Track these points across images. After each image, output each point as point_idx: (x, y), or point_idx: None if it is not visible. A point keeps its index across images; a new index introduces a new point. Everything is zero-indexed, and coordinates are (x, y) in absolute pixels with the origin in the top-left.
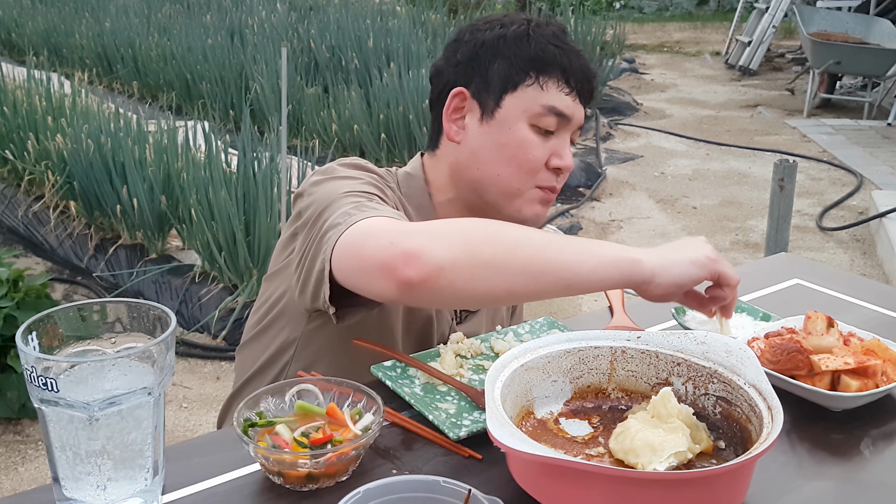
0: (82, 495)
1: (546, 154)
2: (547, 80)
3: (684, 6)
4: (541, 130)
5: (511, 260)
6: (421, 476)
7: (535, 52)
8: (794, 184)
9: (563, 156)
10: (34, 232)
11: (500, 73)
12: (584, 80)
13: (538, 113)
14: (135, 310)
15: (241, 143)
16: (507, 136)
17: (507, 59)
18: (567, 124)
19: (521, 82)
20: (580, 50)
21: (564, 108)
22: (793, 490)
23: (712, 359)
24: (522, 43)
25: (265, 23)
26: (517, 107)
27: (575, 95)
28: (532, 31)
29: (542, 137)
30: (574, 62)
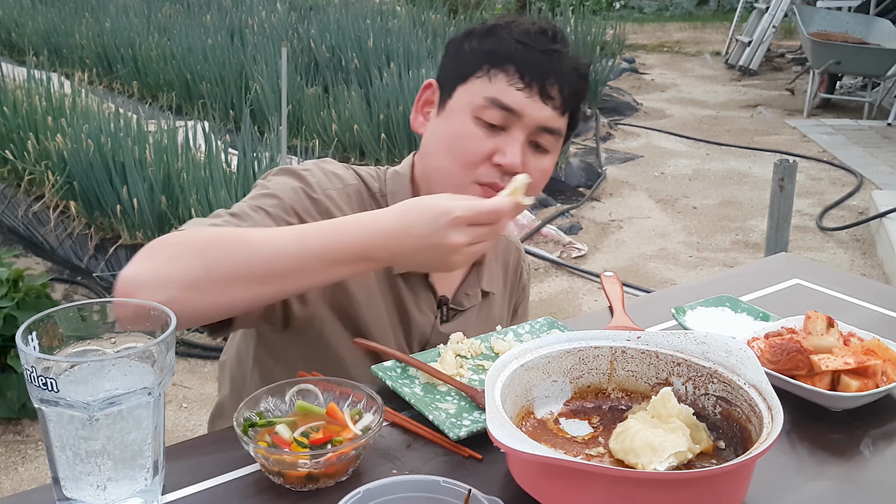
0: (82, 495)
1: (487, 148)
2: (497, 72)
3: (684, 6)
4: (485, 123)
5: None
6: (421, 476)
7: (493, 46)
8: (794, 184)
9: (506, 153)
10: (34, 232)
11: (459, 65)
12: (545, 77)
13: (481, 105)
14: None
15: (241, 143)
16: (450, 127)
17: (467, 51)
18: (518, 120)
19: (473, 73)
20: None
21: (511, 103)
22: (793, 490)
23: (712, 359)
24: (487, 37)
25: (265, 23)
26: (464, 98)
27: (532, 93)
28: (504, 27)
29: (487, 131)
30: (535, 59)
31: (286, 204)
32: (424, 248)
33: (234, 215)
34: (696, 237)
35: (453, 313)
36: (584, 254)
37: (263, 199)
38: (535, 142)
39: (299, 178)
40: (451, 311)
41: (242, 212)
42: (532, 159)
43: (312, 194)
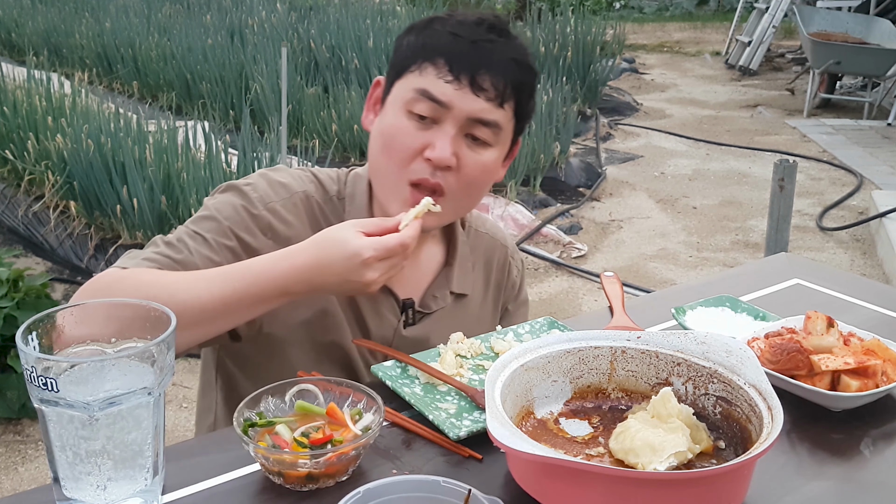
0: (82, 495)
1: (418, 143)
2: (428, 65)
3: (684, 6)
4: (416, 117)
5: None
6: (421, 476)
7: (426, 40)
8: (794, 184)
9: (436, 146)
10: (34, 232)
11: (397, 60)
12: (475, 69)
13: (411, 98)
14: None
15: (241, 143)
16: (385, 123)
17: (404, 46)
18: (447, 113)
19: (407, 68)
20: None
21: (439, 94)
22: (793, 490)
23: (712, 359)
24: (422, 31)
25: (265, 23)
26: (397, 94)
27: (461, 85)
28: (441, 21)
29: (419, 125)
30: (465, 51)
31: (224, 226)
32: (341, 283)
33: (170, 244)
34: (696, 237)
35: (420, 316)
36: (584, 254)
37: (202, 222)
38: (471, 135)
39: (241, 194)
40: (417, 314)
41: (179, 239)
42: (468, 153)
43: (253, 210)
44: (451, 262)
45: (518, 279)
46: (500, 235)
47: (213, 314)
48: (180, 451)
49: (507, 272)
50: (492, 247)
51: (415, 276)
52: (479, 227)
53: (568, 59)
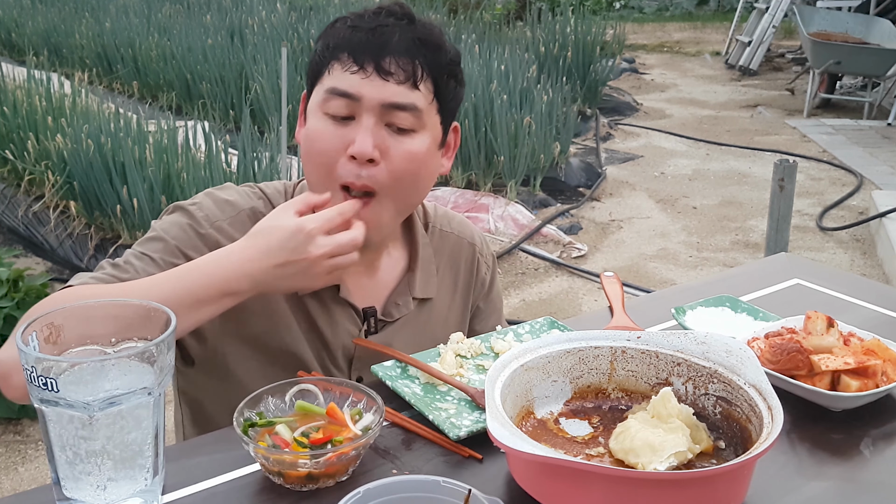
0: (82, 495)
1: (339, 142)
2: (334, 63)
3: (684, 6)
4: (333, 118)
5: None
6: (421, 476)
7: (328, 41)
8: (794, 184)
9: (356, 140)
10: (34, 232)
11: (311, 68)
12: (379, 54)
13: (323, 99)
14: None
15: (241, 143)
16: (305, 131)
17: (316, 53)
18: (360, 105)
19: (320, 75)
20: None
21: (348, 88)
22: (793, 490)
23: (712, 359)
24: (327, 33)
25: (265, 23)
26: (314, 99)
27: (368, 73)
28: (342, 20)
29: (338, 125)
30: (366, 39)
31: (171, 246)
32: (285, 267)
33: (117, 266)
34: (696, 237)
35: (382, 324)
36: (584, 254)
37: (149, 243)
38: (392, 124)
39: (187, 214)
40: (379, 323)
41: (126, 261)
42: (392, 143)
43: (200, 230)
44: (413, 268)
45: (488, 276)
46: (467, 233)
47: None
48: (180, 451)
49: (476, 270)
50: (458, 246)
51: (375, 284)
52: (444, 226)
53: (568, 59)
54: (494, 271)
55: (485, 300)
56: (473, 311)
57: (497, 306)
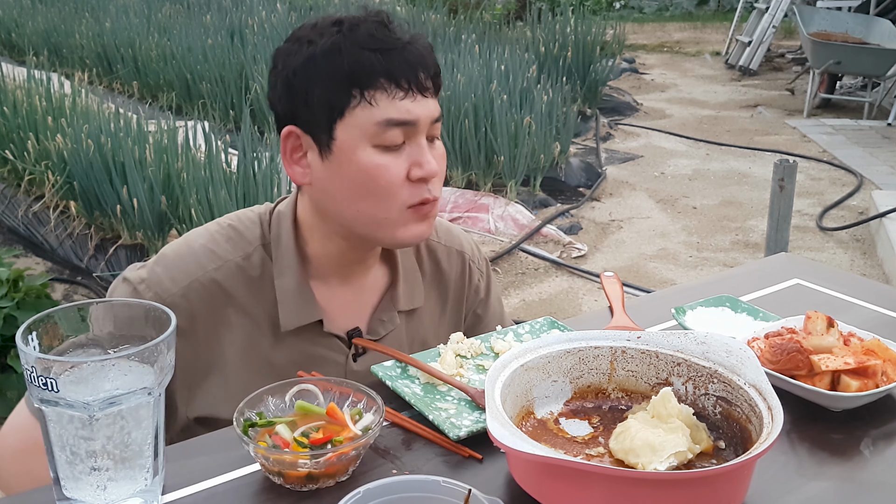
0: (82, 495)
1: (403, 170)
2: (373, 93)
3: (684, 6)
4: (388, 147)
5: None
6: (421, 476)
7: (351, 66)
8: (794, 184)
9: (422, 163)
10: (34, 232)
11: (321, 101)
12: (416, 73)
13: (375, 132)
14: (134, 310)
15: (241, 143)
16: (353, 169)
17: (323, 83)
18: (415, 128)
19: (347, 105)
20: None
21: (406, 115)
22: (793, 490)
23: (712, 359)
24: (334, 59)
25: (265, 23)
26: (352, 134)
27: (413, 94)
28: (342, 39)
29: (393, 154)
30: (398, 59)
31: None
32: None
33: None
34: (696, 237)
35: (363, 350)
36: (584, 254)
37: None
38: (430, 136)
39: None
40: (360, 348)
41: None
42: (434, 153)
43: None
44: (395, 281)
45: (482, 283)
46: (455, 243)
47: None
48: (180, 451)
49: (468, 280)
50: (446, 258)
51: (358, 304)
52: (431, 236)
53: (568, 59)
54: (489, 276)
55: (483, 307)
56: (472, 319)
57: (498, 311)
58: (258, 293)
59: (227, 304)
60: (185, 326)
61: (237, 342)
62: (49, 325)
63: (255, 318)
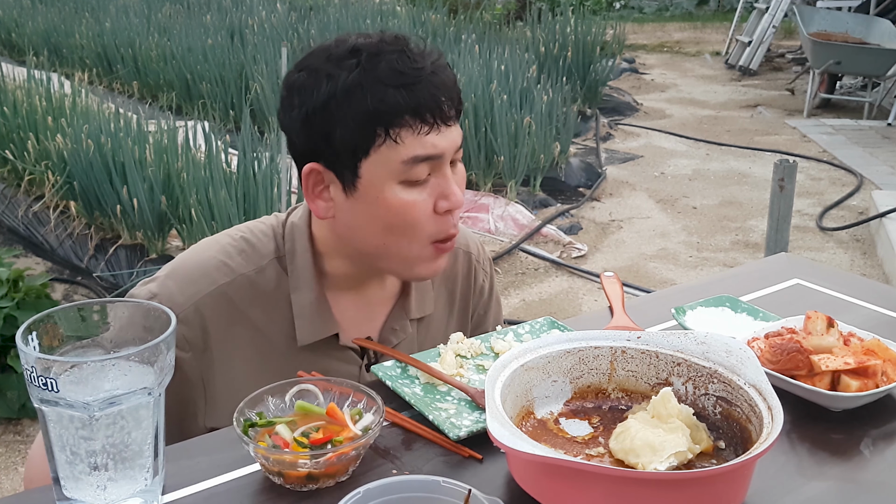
0: (82, 495)
1: (429, 204)
2: (398, 131)
3: (684, 6)
4: (414, 183)
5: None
6: (421, 476)
7: (374, 105)
8: (794, 184)
9: (448, 195)
10: (34, 232)
11: (345, 140)
12: (440, 105)
13: (402, 170)
14: (134, 310)
15: (241, 143)
16: (380, 207)
17: (345, 123)
18: (441, 161)
19: (371, 144)
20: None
21: (431, 150)
22: (793, 490)
23: (712, 359)
24: (356, 98)
25: (265, 23)
26: (377, 173)
27: (437, 127)
28: (364, 75)
29: (419, 188)
30: (422, 93)
31: None
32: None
33: None
34: (696, 237)
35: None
36: (584, 254)
37: None
38: (452, 161)
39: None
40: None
41: None
42: (457, 179)
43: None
44: (408, 290)
45: (486, 283)
46: (461, 242)
47: None
48: (180, 451)
49: (474, 279)
50: (454, 258)
51: (370, 315)
52: None
53: (568, 59)
54: (492, 276)
55: (485, 307)
56: (476, 319)
57: (497, 311)
58: (272, 307)
59: (239, 318)
60: (198, 340)
61: (250, 356)
62: (49, 325)
63: (268, 333)
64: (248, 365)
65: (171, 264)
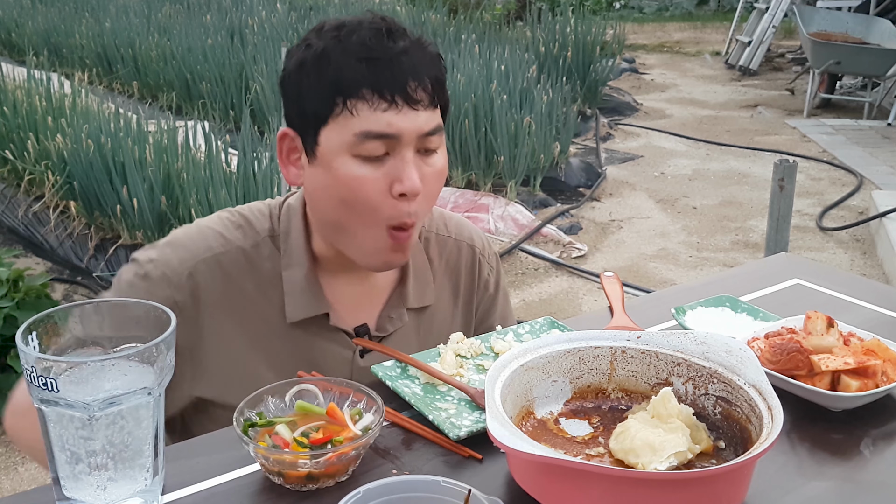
0: (82, 495)
1: (383, 184)
2: (355, 102)
3: (684, 6)
4: (368, 159)
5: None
6: (421, 476)
7: (335, 75)
8: (794, 184)
9: (403, 178)
10: (34, 232)
11: (310, 106)
12: (404, 85)
13: (354, 142)
14: (134, 310)
15: (241, 143)
16: (332, 176)
17: (311, 88)
18: (398, 142)
19: (330, 113)
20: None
21: (385, 129)
22: (793, 490)
23: (712, 359)
24: (322, 66)
25: (265, 23)
26: (333, 141)
27: (397, 106)
28: (335, 47)
29: (374, 165)
30: (385, 70)
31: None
32: None
33: None
34: (696, 237)
35: (377, 340)
36: (584, 254)
37: None
38: (422, 148)
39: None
40: (373, 339)
41: None
42: (426, 168)
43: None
44: (405, 278)
45: (492, 276)
46: (465, 235)
47: None
48: (180, 451)
49: (479, 272)
50: (457, 251)
51: (367, 300)
52: (441, 230)
53: (568, 59)
54: (499, 271)
55: (491, 301)
56: (481, 315)
57: (503, 307)
58: (265, 283)
59: (232, 289)
60: (189, 307)
61: (242, 328)
62: (49, 325)
63: (260, 307)
64: (240, 337)
65: (171, 234)
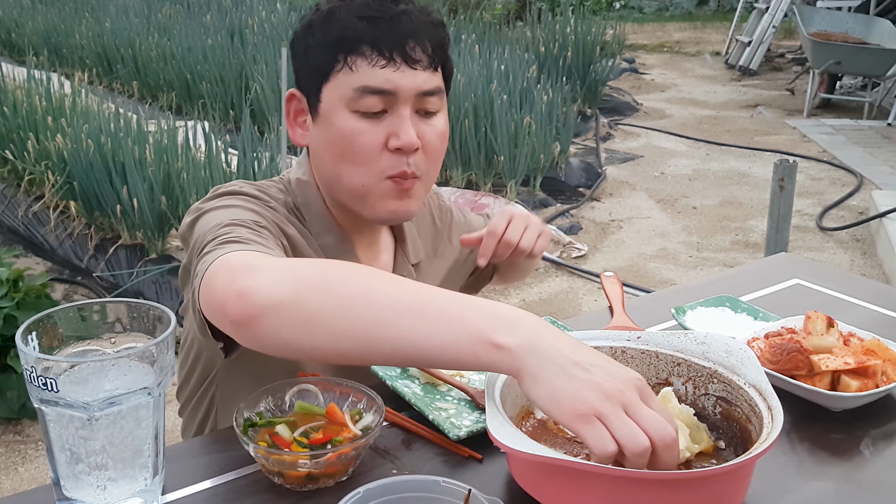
0: (82, 495)
1: (380, 138)
2: (355, 58)
3: (684, 6)
4: (367, 114)
5: (338, 318)
6: (421, 476)
7: (338, 32)
8: (794, 184)
9: (399, 134)
10: (34, 232)
11: (313, 64)
12: (403, 44)
13: (352, 97)
14: (135, 310)
15: (241, 143)
16: (332, 131)
17: (315, 47)
18: (396, 98)
19: (332, 69)
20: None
21: (382, 84)
22: (793, 490)
23: (712, 359)
24: (327, 26)
25: (265, 23)
26: (333, 96)
27: (396, 63)
28: (340, 7)
29: (372, 121)
30: (385, 28)
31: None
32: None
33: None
34: (696, 237)
35: None
36: (584, 254)
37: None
38: (422, 109)
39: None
40: None
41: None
42: (425, 128)
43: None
44: (403, 238)
45: (461, 215)
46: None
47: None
48: (180, 451)
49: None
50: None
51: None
52: None
53: (568, 59)
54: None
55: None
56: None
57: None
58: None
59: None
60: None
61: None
62: (49, 325)
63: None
64: None
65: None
